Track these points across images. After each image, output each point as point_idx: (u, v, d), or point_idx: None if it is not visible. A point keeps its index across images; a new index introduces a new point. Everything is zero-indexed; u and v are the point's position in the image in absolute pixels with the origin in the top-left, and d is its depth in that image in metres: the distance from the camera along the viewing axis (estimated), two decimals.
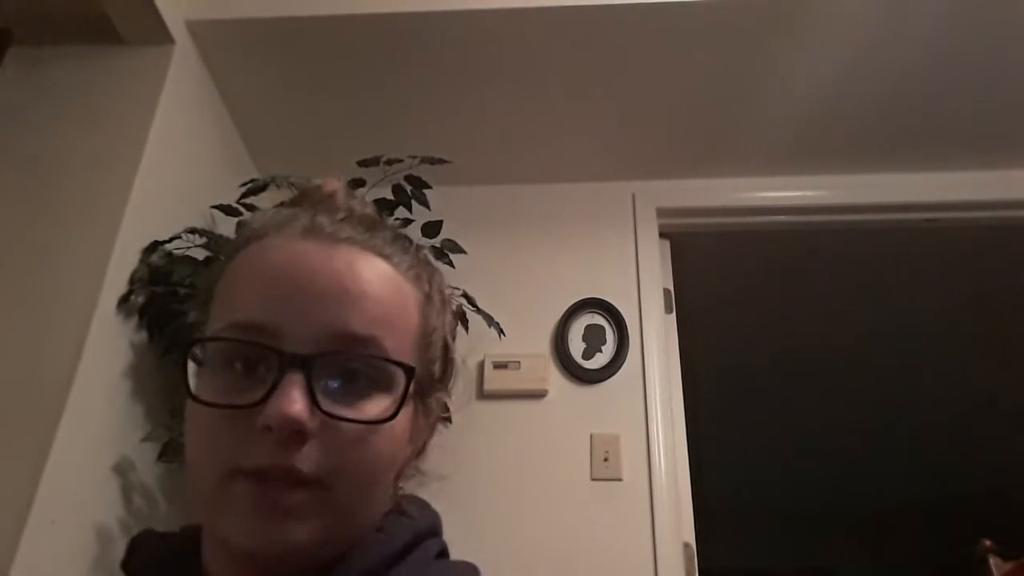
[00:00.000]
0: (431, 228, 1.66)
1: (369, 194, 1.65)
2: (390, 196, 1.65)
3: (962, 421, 3.53)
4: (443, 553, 0.56)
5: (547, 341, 1.93)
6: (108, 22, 1.56)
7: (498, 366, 1.87)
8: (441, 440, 2.06)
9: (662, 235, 2.09)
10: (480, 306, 1.63)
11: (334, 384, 0.46)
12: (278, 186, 1.55)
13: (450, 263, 1.65)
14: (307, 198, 0.57)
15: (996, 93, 1.83)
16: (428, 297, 0.56)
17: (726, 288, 2.65)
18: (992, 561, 1.58)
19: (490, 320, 1.63)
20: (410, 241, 0.57)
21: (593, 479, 1.75)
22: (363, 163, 1.61)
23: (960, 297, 2.68)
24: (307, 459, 0.44)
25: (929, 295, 2.68)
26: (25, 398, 1.25)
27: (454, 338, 0.61)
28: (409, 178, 1.64)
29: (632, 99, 1.87)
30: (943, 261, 2.48)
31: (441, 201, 1.69)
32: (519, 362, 1.87)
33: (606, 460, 1.76)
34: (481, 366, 1.88)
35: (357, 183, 1.64)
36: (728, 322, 2.86)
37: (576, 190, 2.12)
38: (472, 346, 1.80)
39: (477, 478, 1.76)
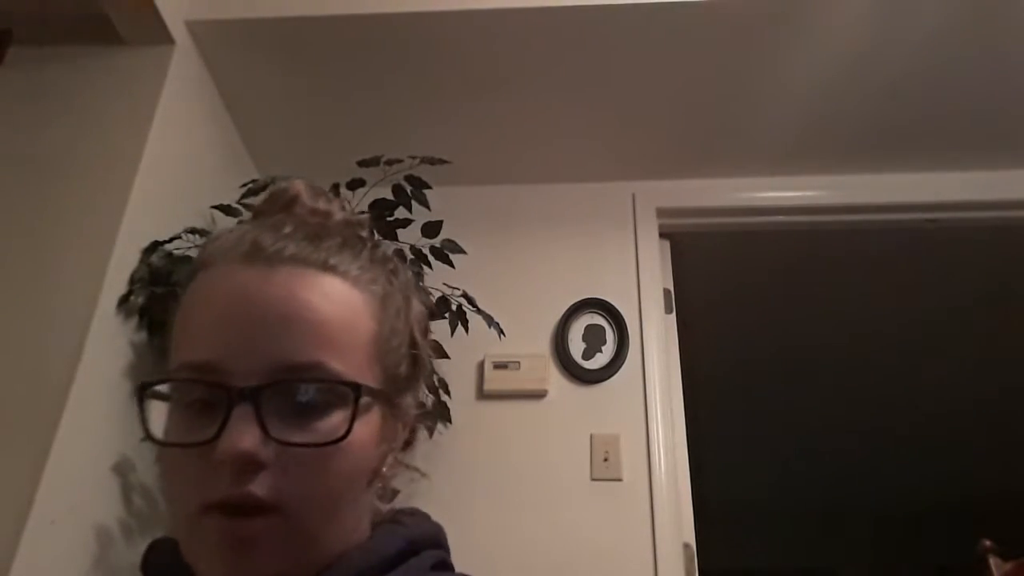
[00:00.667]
0: (431, 228, 1.66)
1: (369, 194, 1.65)
2: (390, 196, 1.65)
3: (962, 421, 3.53)
4: (442, 565, 0.55)
5: (547, 341, 1.93)
6: (108, 22, 1.56)
7: (498, 366, 1.87)
8: (441, 440, 2.06)
9: (662, 235, 2.09)
10: (480, 306, 1.63)
11: (285, 411, 0.47)
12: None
13: (450, 263, 1.65)
14: (272, 202, 0.58)
15: (996, 93, 1.83)
16: (385, 299, 0.55)
17: (726, 288, 2.65)
18: (992, 561, 1.58)
19: (490, 320, 1.63)
20: (364, 242, 0.56)
21: (593, 479, 1.75)
22: (363, 163, 1.61)
23: (960, 297, 2.68)
24: (264, 486, 0.45)
25: (929, 295, 2.68)
26: (25, 398, 1.25)
27: (425, 332, 0.60)
28: (409, 178, 1.64)
29: (632, 99, 1.87)
30: (943, 261, 2.48)
31: (441, 201, 1.69)
32: (519, 362, 1.87)
33: (606, 460, 1.76)
34: (481, 366, 1.88)
35: (357, 183, 1.64)
36: (728, 322, 2.86)
37: (576, 190, 2.12)
38: (472, 346, 1.81)
39: (477, 478, 1.76)
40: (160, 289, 1.43)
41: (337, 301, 0.51)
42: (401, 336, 0.56)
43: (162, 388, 0.50)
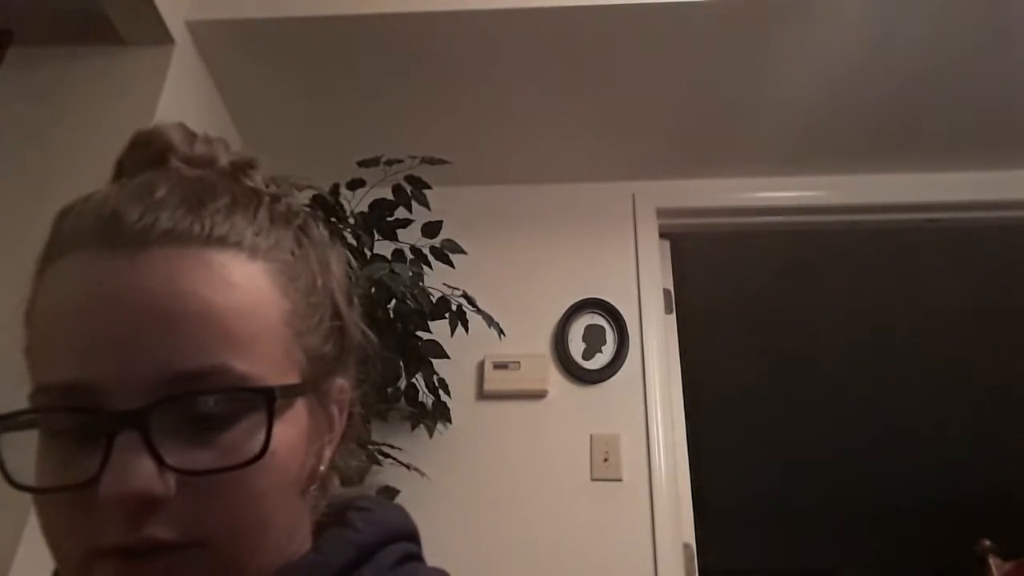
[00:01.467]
0: (431, 228, 1.66)
1: (369, 194, 1.65)
2: (390, 196, 1.65)
3: (962, 421, 3.53)
4: (409, 557, 0.47)
5: (547, 341, 1.93)
6: (108, 22, 1.56)
7: (498, 366, 1.87)
8: (441, 440, 2.07)
9: (662, 235, 2.09)
10: (480, 306, 1.63)
11: (182, 430, 0.37)
12: (278, 186, 1.55)
13: (450, 263, 1.65)
14: (137, 155, 0.48)
15: (996, 94, 1.83)
16: (295, 267, 0.44)
17: (726, 288, 2.65)
18: (992, 561, 1.58)
19: (490, 320, 1.63)
20: (259, 196, 0.46)
21: (593, 479, 1.75)
22: (363, 163, 1.61)
23: (961, 297, 2.68)
24: (167, 526, 0.36)
25: (930, 295, 2.68)
26: (25, 399, 1.25)
27: (350, 299, 0.49)
28: (409, 178, 1.64)
29: (632, 99, 1.87)
30: (944, 261, 2.48)
31: (441, 201, 1.69)
32: (519, 362, 1.87)
33: (606, 460, 1.76)
34: (481, 366, 1.88)
35: (357, 183, 1.64)
36: (728, 322, 2.86)
37: (576, 190, 2.12)
38: (472, 346, 1.81)
39: (477, 479, 1.76)
40: None
41: (232, 282, 0.40)
42: (321, 309, 0.46)
43: (22, 419, 0.40)
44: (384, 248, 1.66)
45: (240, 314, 0.40)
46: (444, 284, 1.64)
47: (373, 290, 1.51)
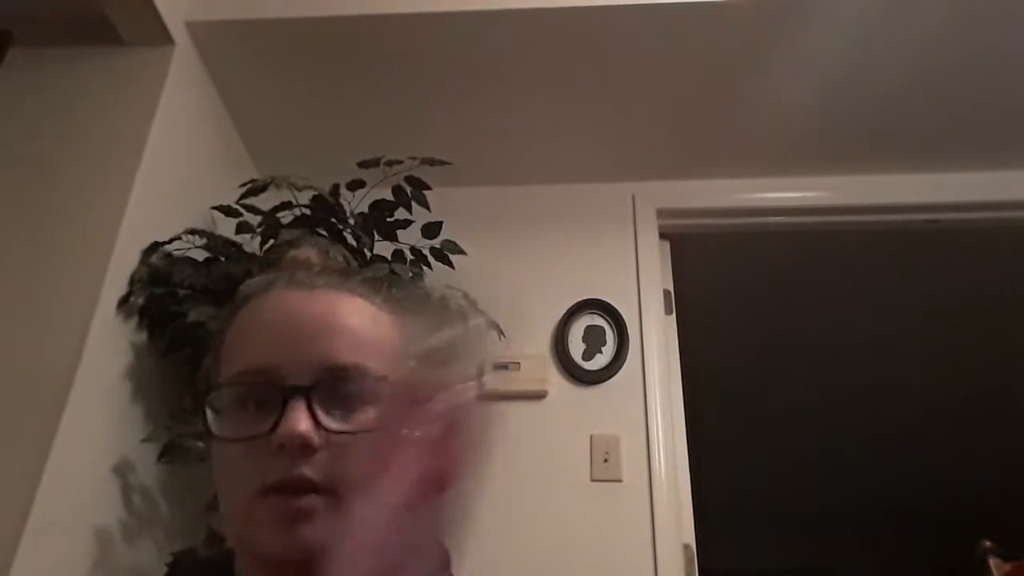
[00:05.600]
0: (431, 229, 1.66)
1: (369, 195, 1.65)
2: (390, 197, 1.65)
3: (962, 421, 3.53)
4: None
5: (547, 342, 1.93)
6: (108, 23, 1.56)
7: (498, 367, 1.87)
8: None
9: (662, 236, 2.09)
10: (480, 307, 1.63)
11: (331, 405, 0.53)
12: (278, 186, 1.55)
13: (450, 264, 1.65)
14: (291, 261, 0.66)
15: (996, 94, 1.83)
16: (407, 321, 0.62)
17: (726, 288, 2.65)
18: (992, 562, 1.58)
19: (490, 320, 1.63)
20: (383, 283, 0.65)
21: (593, 480, 1.75)
22: (363, 164, 1.61)
23: (961, 298, 2.68)
24: (316, 469, 0.51)
25: (930, 295, 2.68)
26: (25, 398, 1.25)
27: None
28: (409, 179, 1.64)
29: (632, 99, 1.87)
30: (943, 262, 2.48)
31: (441, 202, 1.69)
32: (519, 363, 1.87)
33: (606, 461, 1.76)
34: (481, 366, 1.88)
35: (357, 184, 1.64)
36: (728, 323, 2.86)
37: (576, 191, 2.12)
38: None
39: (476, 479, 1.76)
40: (160, 290, 1.43)
41: (368, 316, 0.59)
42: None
43: (225, 391, 0.56)
44: (384, 249, 1.66)
45: (375, 335, 0.58)
46: (444, 285, 1.64)
47: None
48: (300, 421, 0.51)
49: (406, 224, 1.66)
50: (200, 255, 1.53)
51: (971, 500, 3.98)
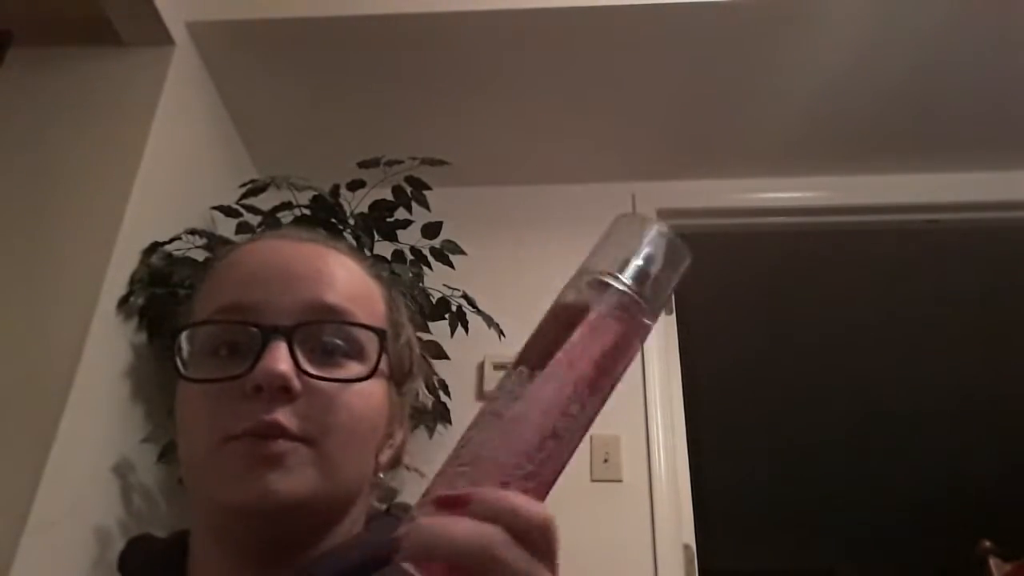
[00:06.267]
0: (431, 229, 1.66)
1: (369, 195, 1.65)
2: (390, 197, 1.65)
3: (962, 421, 3.52)
4: None
5: None
6: (109, 24, 1.56)
7: (498, 367, 1.87)
8: (441, 441, 2.06)
9: None
10: (480, 307, 1.63)
11: (314, 350, 0.50)
12: (278, 186, 1.55)
13: (450, 264, 1.65)
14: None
15: (996, 94, 1.83)
16: (392, 298, 0.59)
17: (726, 289, 2.65)
18: (992, 562, 1.58)
19: (490, 321, 1.63)
20: (365, 254, 0.62)
21: (593, 480, 1.74)
22: (363, 164, 1.61)
23: (961, 297, 2.68)
24: (293, 416, 0.47)
25: (930, 296, 2.68)
26: (25, 398, 1.25)
27: (418, 342, 0.64)
28: (409, 179, 1.64)
29: (632, 99, 1.87)
30: (944, 262, 2.48)
31: (441, 202, 1.69)
32: None
33: (606, 461, 1.75)
34: (481, 367, 1.88)
35: (357, 184, 1.64)
36: (728, 323, 2.86)
37: (576, 191, 2.12)
38: (472, 347, 1.80)
39: None
40: (160, 290, 1.43)
41: (359, 276, 0.57)
42: (406, 333, 0.59)
43: (184, 340, 0.52)
44: (384, 249, 1.66)
45: (366, 293, 0.55)
46: (444, 285, 1.64)
47: None
48: (280, 360, 0.47)
49: (406, 224, 1.66)
50: (200, 255, 1.53)
51: (971, 500, 3.98)
